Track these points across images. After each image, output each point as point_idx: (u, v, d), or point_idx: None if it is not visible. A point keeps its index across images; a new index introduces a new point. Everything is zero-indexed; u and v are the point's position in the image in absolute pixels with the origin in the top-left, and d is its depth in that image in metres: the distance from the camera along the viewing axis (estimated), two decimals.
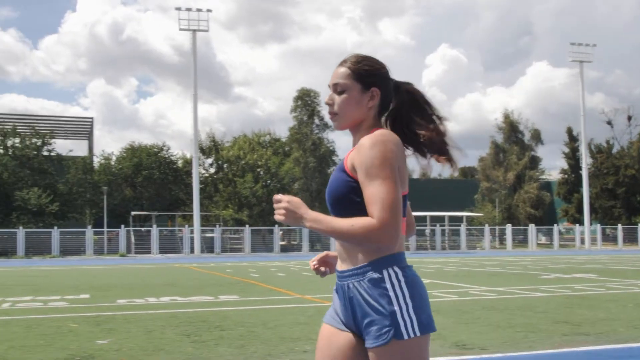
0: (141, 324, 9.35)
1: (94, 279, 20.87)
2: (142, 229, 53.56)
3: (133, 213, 56.61)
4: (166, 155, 61.68)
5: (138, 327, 9.08)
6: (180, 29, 50.73)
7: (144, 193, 59.47)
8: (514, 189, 70.05)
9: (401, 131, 2.48)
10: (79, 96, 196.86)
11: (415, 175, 72.34)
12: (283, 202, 2.32)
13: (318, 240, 51.50)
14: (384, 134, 2.29)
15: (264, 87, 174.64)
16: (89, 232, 48.99)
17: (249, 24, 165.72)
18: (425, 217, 59.51)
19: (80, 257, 46.68)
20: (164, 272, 24.79)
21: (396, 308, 2.25)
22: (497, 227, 61.21)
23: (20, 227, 47.34)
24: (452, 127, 2.63)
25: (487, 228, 56.43)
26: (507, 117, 71.92)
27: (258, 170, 59.49)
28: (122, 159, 60.65)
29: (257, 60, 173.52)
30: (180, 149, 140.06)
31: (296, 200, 2.32)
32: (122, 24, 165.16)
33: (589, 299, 12.69)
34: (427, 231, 57.59)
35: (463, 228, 55.79)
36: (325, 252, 2.71)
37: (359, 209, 2.28)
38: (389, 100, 2.50)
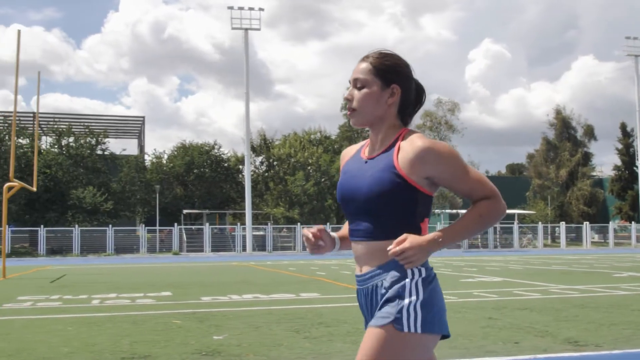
0: (244, 321, 9.61)
1: (163, 276, 21.31)
2: (193, 227, 54.31)
3: (185, 211, 57.43)
4: (217, 154, 62.51)
5: (243, 323, 9.34)
6: (233, 28, 51.39)
7: (195, 191, 60.28)
8: (566, 186, 69.29)
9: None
10: (121, 95, 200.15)
11: None
12: (407, 251, 2.26)
13: None
14: (423, 137, 2.36)
15: (305, 84, 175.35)
16: (143, 230, 49.90)
17: (289, 21, 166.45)
18: None
19: (134, 255, 47.53)
20: (228, 270, 25.22)
21: (406, 300, 2.28)
22: (549, 225, 60.74)
23: (76, 226, 48.41)
24: (496, 123, 2.72)
25: (540, 226, 56.00)
26: (559, 112, 71.18)
27: (309, 168, 59.91)
28: (173, 158, 61.58)
29: (297, 57, 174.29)
30: (224, 148, 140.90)
31: (410, 239, 2.27)
32: (164, 23, 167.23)
33: None
34: None
35: (515, 226, 55.45)
36: (324, 227, 2.66)
37: (401, 201, 2.33)
38: (410, 100, 2.49)
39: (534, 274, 19.89)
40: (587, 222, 57.54)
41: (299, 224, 51.32)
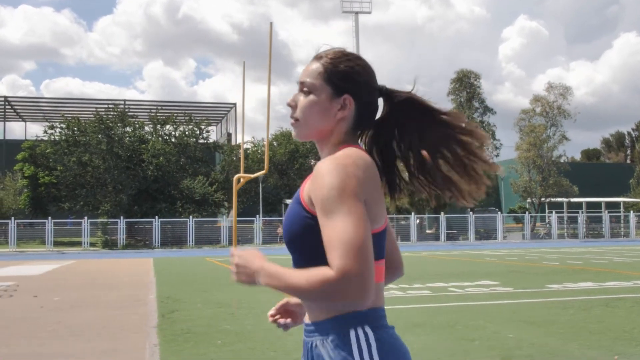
0: None
1: (429, 265, 23.16)
2: None
3: (286, 201, 59.77)
4: None
5: None
6: (344, 12, 53.50)
7: (297, 180, 62.51)
8: None
9: (380, 152, 2.13)
10: (135, 79, 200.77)
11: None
12: (234, 257, 2.02)
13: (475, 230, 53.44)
14: (348, 154, 1.92)
15: None
16: (258, 221, 52.05)
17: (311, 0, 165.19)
18: (580, 203, 60.90)
19: (245, 247, 49.37)
20: (432, 261, 27.03)
21: None
22: None
23: (190, 217, 50.59)
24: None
25: None
26: None
27: None
28: (272, 146, 64.09)
29: (321, 37, 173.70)
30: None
31: (248, 253, 2.00)
32: (178, 2, 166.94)
33: None
34: (585, 218, 58.49)
35: (632, 215, 56.83)
36: (285, 300, 2.31)
37: (317, 252, 1.87)
38: (369, 115, 2.09)
39: None
40: None
41: (412, 213, 53.23)
